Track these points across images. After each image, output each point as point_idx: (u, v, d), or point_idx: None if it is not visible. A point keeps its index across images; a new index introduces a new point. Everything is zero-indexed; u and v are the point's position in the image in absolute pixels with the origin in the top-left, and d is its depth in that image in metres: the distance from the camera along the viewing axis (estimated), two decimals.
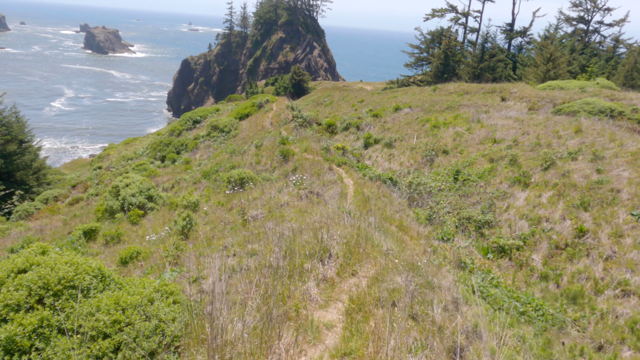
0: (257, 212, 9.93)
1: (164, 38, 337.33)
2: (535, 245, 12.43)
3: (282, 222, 9.43)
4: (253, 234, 8.81)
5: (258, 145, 24.81)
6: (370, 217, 12.46)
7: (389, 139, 25.58)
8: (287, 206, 10.46)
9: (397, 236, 11.43)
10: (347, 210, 12.06)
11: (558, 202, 13.56)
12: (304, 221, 8.97)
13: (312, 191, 11.40)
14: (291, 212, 10.01)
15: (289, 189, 11.61)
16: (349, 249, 7.18)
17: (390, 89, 62.94)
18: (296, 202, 10.59)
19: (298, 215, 9.87)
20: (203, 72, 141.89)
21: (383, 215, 13.50)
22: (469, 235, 13.53)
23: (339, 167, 20.17)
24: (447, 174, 18.99)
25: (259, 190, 12.22)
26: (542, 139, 18.54)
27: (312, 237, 7.20)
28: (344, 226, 8.55)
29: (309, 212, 9.95)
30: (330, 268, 6.49)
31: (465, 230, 14.03)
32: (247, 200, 11.43)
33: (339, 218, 9.96)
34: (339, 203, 13.95)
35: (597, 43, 63.44)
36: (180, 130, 46.49)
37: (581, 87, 34.23)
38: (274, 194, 11.15)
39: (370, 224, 9.88)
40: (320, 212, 10.13)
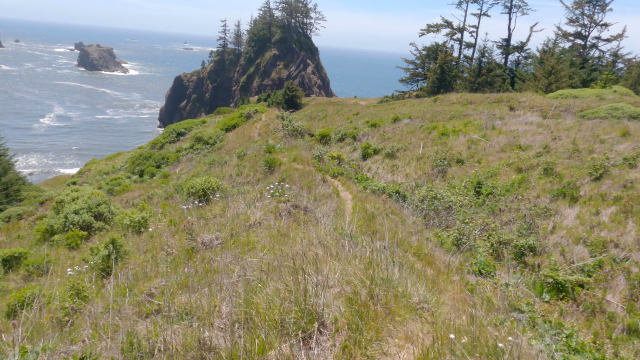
0: (212, 236, 6.54)
1: (158, 57, 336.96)
2: (606, 281, 9.04)
3: (249, 252, 6.02)
4: (197, 274, 5.39)
5: (240, 155, 21.43)
6: (378, 242, 9.01)
7: (391, 149, 22.32)
8: (259, 227, 7.09)
9: (419, 270, 7.98)
10: (347, 232, 8.60)
11: (626, 221, 10.23)
12: (283, 251, 5.56)
13: (297, 205, 8.05)
14: (264, 235, 6.64)
15: (265, 201, 8.25)
16: (356, 310, 3.77)
17: (386, 102, 60.29)
18: (273, 220, 7.22)
19: (273, 241, 6.46)
20: (196, 89, 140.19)
21: (395, 238, 10.04)
22: (509, 265, 10.12)
23: (334, 178, 16.80)
24: (465, 186, 15.65)
25: (224, 204, 8.85)
26: (580, 144, 15.32)
27: (291, 287, 3.80)
28: (346, 260, 5.15)
29: (290, 236, 6.55)
30: (323, 357, 3.07)
31: (502, 258, 10.62)
32: (205, 218, 8.05)
33: (336, 245, 6.53)
34: (335, 222, 10.51)
35: (596, 58, 61.74)
36: (163, 143, 43.08)
37: (597, 94, 31.44)
38: (242, 209, 7.82)
39: (383, 255, 6.47)
40: (308, 236, 6.70)
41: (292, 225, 7.31)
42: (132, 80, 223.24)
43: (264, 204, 7.95)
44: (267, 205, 7.89)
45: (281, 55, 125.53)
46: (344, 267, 4.93)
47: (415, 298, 4.84)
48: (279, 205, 7.82)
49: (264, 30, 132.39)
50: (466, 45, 68.60)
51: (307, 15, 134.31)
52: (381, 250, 7.71)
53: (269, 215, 7.44)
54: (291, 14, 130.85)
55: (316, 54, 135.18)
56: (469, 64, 66.38)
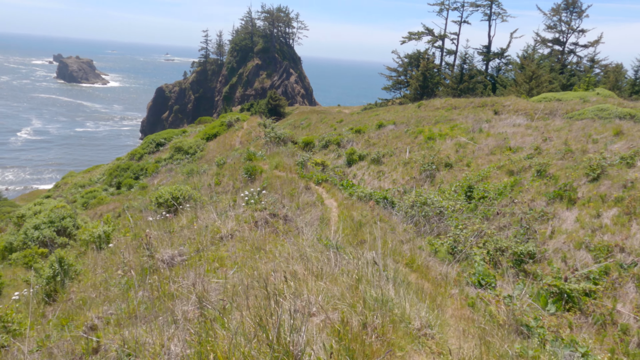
0: (175, 252, 5.58)
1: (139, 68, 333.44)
2: (614, 288, 8.33)
3: (216, 270, 5.10)
4: (151, 300, 4.44)
5: (220, 163, 20.43)
6: (367, 253, 8.13)
7: (377, 154, 21.59)
8: (230, 239, 6.17)
9: (414, 284, 7.13)
10: (332, 242, 7.72)
11: (630, 223, 9.58)
12: (257, 268, 4.65)
13: (275, 214, 7.15)
14: (236, 250, 5.73)
15: (239, 210, 7.33)
16: (346, 346, 2.88)
17: (370, 109, 59.93)
18: (247, 232, 6.31)
19: (246, 256, 5.55)
20: (178, 100, 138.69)
21: (385, 248, 9.20)
22: (508, 274, 9.35)
23: (319, 185, 15.94)
24: (455, 191, 14.95)
25: (193, 214, 7.88)
26: (573, 144, 14.78)
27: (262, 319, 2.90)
28: (331, 277, 4.28)
29: (267, 250, 5.64)
30: None
31: (500, 266, 9.86)
32: (171, 230, 7.09)
33: (320, 258, 5.64)
34: (320, 231, 9.62)
35: (574, 63, 62.72)
36: (142, 154, 41.71)
37: (581, 97, 31.36)
38: (213, 219, 6.89)
39: (374, 268, 5.61)
40: (288, 248, 5.80)
41: (270, 237, 6.41)
42: (112, 92, 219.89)
43: (237, 213, 7.03)
44: (241, 214, 6.98)
45: (264, 64, 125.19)
46: (330, 287, 4.05)
47: (416, 322, 4.00)
48: (255, 215, 6.92)
49: (246, 40, 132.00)
50: (447, 52, 68.97)
51: (290, 25, 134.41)
52: (372, 263, 6.84)
53: (242, 226, 6.53)
54: (273, 24, 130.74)
55: (299, 64, 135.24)
56: (451, 71, 66.80)
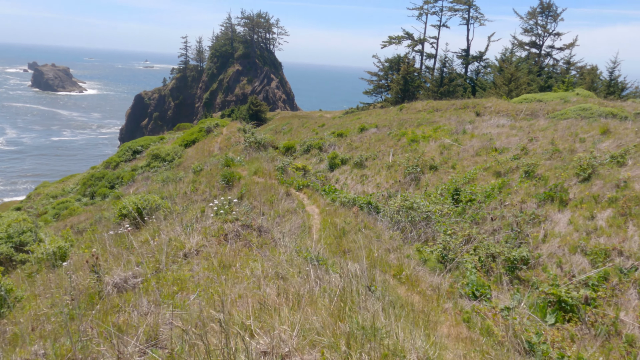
0: (129, 273, 4.79)
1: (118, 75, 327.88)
2: (615, 295, 7.82)
3: (175, 296, 4.34)
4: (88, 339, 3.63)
5: (197, 170, 19.52)
6: (351, 264, 7.46)
7: (359, 158, 20.99)
8: (196, 256, 5.40)
9: (403, 298, 6.46)
10: (313, 254, 7.00)
11: (626, 224, 9.12)
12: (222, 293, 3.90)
13: (248, 224, 6.39)
14: (201, 268, 4.96)
15: (207, 222, 6.55)
16: None
17: (352, 113, 59.60)
18: (215, 246, 5.54)
19: (212, 276, 4.79)
20: (157, 107, 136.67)
21: (371, 258, 8.52)
22: (501, 282, 8.76)
23: (300, 191, 15.22)
24: (441, 194, 14.40)
25: (157, 227, 7.05)
26: (560, 144, 14.41)
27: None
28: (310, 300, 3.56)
29: (236, 268, 4.90)
30: None
31: (492, 273, 9.27)
32: (129, 246, 6.28)
33: (299, 275, 4.92)
34: (300, 241, 8.89)
35: (551, 66, 63.74)
36: (118, 162, 40.34)
37: (562, 97, 31.42)
38: (178, 233, 6.11)
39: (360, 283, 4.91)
40: (262, 264, 5.06)
41: (241, 252, 5.66)
42: (90, 99, 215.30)
43: (204, 225, 6.26)
44: (210, 226, 6.22)
45: (244, 70, 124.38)
46: (308, 316, 3.34)
47: (411, 355, 3.31)
48: (224, 226, 6.16)
49: (226, 46, 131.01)
50: (427, 56, 69.27)
51: (270, 31, 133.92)
52: (357, 276, 6.15)
53: (210, 240, 5.76)
54: (253, 29, 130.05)
55: (280, 69, 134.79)
56: (431, 75, 67.14)
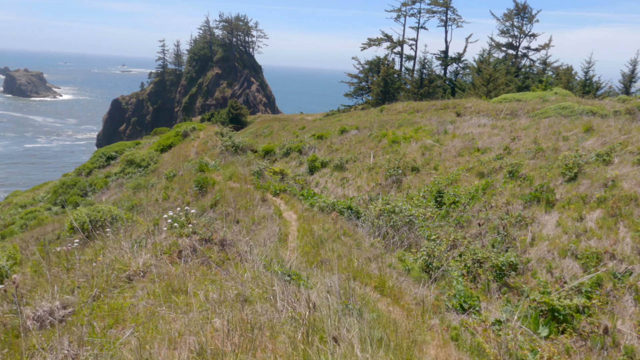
0: (56, 303, 4.02)
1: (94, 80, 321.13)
2: (609, 302, 7.34)
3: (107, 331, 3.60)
4: None
5: (169, 175, 18.61)
6: (328, 276, 6.85)
7: (340, 160, 20.38)
8: (143, 278, 4.63)
9: (385, 315, 5.81)
10: (285, 268, 6.31)
11: (617, 226, 8.69)
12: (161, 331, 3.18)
13: (208, 238, 5.65)
14: (145, 294, 4.20)
15: (160, 236, 5.78)
16: None
17: (332, 115, 59.18)
18: (167, 266, 4.78)
19: (157, 304, 4.05)
20: (135, 111, 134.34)
21: (350, 268, 7.87)
22: (489, 290, 8.22)
23: (276, 196, 14.49)
24: (424, 196, 13.87)
25: (103, 244, 6.19)
26: (543, 142, 14.04)
27: None
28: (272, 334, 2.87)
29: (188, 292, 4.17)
30: None
31: (479, 280, 8.73)
32: (69, 267, 5.46)
33: (265, 296, 4.21)
34: (273, 253, 8.19)
35: (528, 66, 64.65)
36: (91, 169, 38.90)
37: (540, 97, 31.48)
38: (126, 250, 5.34)
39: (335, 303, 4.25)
40: (221, 286, 4.34)
41: (198, 271, 4.93)
42: (66, 105, 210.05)
43: (156, 240, 5.50)
44: (162, 242, 5.46)
45: (224, 74, 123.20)
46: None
47: None
48: (179, 241, 5.41)
49: (205, 49, 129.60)
50: (407, 57, 69.43)
51: (249, 34, 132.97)
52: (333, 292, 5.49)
53: (161, 259, 5.01)
54: (232, 33, 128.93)
55: (260, 72, 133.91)
56: (411, 76, 67.34)
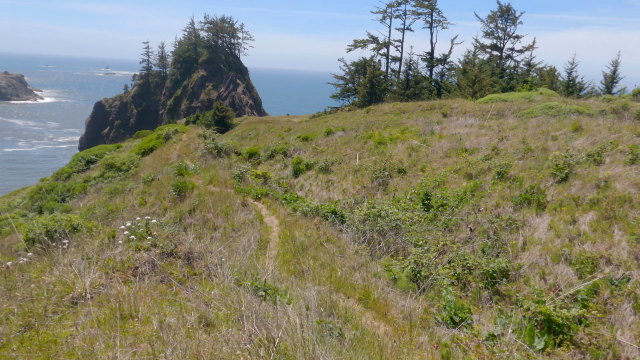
0: None
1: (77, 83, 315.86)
2: (607, 311, 6.93)
3: None
4: None
5: (147, 180, 17.87)
6: (311, 289, 6.32)
7: (325, 162, 19.86)
8: (90, 301, 4.02)
9: (369, 332, 5.27)
10: (260, 282, 5.74)
11: (611, 229, 8.31)
12: None
13: (172, 251, 5.05)
14: (88, 321, 3.62)
15: (116, 250, 5.17)
16: None
17: (318, 117, 58.79)
18: (118, 286, 4.17)
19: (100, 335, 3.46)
20: (119, 114, 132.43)
21: (333, 279, 7.33)
22: (480, 299, 7.76)
23: (258, 200, 13.90)
24: (411, 199, 13.41)
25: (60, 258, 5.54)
26: (531, 142, 13.70)
27: None
28: None
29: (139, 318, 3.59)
30: None
31: (469, 288, 8.26)
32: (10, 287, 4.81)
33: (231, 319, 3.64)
34: (253, 262, 7.62)
35: (512, 68, 65.21)
36: (70, 173, 37.75)
37: (526, 97, 31.42)
38: (77, 266, 4.72)
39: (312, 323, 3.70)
40: (182, 307, 3.76)
41: (155, 291, 4.34)
42: (47, 108, 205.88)
43: (109, 255, 4.88)
44: (116, 256, 4.85)
45: (209, 76, 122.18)
46: None
47: None
48: (136, 256, 4.80)
49: (190, 51, 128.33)
50: (393, 59, 69.44)
51: (234, 36, 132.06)
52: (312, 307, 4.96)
53: (114, 277, 4.40)
54: (217, 34, 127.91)
55: (246, 74, 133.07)
56: (397, 77, 67.38)
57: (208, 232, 12.42)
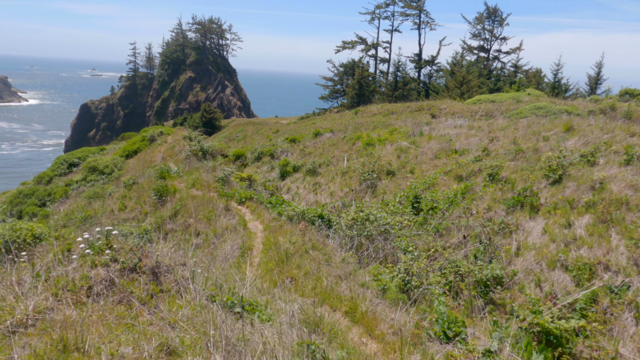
0: None
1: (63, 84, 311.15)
2: (607, 321, 6.56)
3: None
4: None
5: (128, 183, 17.22)
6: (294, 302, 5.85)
7: (312, 165, 19.40)
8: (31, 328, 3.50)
9: (356, 351, 4.81)
10: (238, 298, 5.26)
11: (608, 233, 7.97)
12: None
13: (134, 266, 4.51)
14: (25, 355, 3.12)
15: (70, 266, 4.64)
16: None
17: (307, 118, 58.44)
18: (67, 309, 3.64)
19: None
20: (106, 116, 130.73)
21: (318, 289, 6.86)
22: (473, 308, 7.35)
23: (242, 204, 13.37)
24: (400, 202, 13.00)
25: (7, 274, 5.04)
26: (522, 143, 13.39)
27: None
28: None
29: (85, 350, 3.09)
30: None
31: (461, 296, 7.86)
32: None
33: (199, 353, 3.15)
34: (232, 272, 7.12)
35: (499, 69, 65.64)
36: (51, 177, 36.76)
37: (514, 97, 31.33)
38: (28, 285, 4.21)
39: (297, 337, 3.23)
40: (142, 333, 3.25)
41: (112, 313, 3.83)
42: (32, 110, 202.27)
43: (61, 273, 4.35)
44: (69, 274, 4.32)
45: (197, 77, 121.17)
46: None
47: None
48: (92, 273, 4.28)
49: (178, 52, 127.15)
50: (381, 60, 69.39)
51: (223, 37, 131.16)
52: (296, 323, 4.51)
53: (64, 297, 3.88)
54: (205, 35, 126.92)
55: (234, 76, 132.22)
56: (385, 79, 67.40)
57: (189, 238, 11.87)
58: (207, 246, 10.87)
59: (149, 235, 12.16)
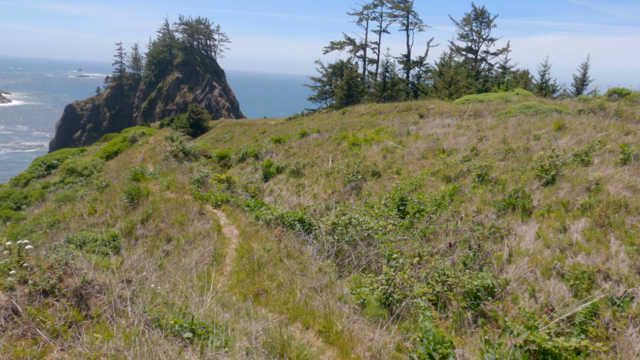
0: None
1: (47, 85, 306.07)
2: (609, 338, 5.93)
3: None
4: None
5: (101, 186, 16.32)
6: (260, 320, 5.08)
7: (296, 165, 18.66)
8: None
9: None
10: (187, 321, 4.51)
11: (607, 238, 7.36)
12: None
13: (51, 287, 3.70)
14: None
15: None
16: None
17: (294, 119, 57.76)
18: None
19: None
20: (91, 117, 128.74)
21: (290, 304, 6.12)
22: (462, 322, 6.68)
23: (218, 208, 12.58)
24: (385, 204, 12.31)
25: None
26: (512, 142, 12.80)
27: None
28: None
29: None
30: None
31: (449, 307, 7.18)
32: None
33: None
34: (193, 285, 6.37)
35: (487, 70, 65.74)
36: (28, 179, 35.49)
37: (502, 97, 30.98)
38: None
39: None
40: None
41: (7, 355, 3.07)
42: (15, 111, 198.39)
43: None
44: None
45: (185, 78, 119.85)
46: None
47: None
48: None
49: (165, 53, 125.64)
50: (370, 61, 69.05)
51: (210, 37, 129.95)
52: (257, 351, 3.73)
53: None
54: (193, 36, 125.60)
55: (223, 76, 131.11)
56: (374, 80, 67.11)
57: (160, 244, 11.06)
58: (177, 253, 10.09)
59: (117, 242, 11.31)
